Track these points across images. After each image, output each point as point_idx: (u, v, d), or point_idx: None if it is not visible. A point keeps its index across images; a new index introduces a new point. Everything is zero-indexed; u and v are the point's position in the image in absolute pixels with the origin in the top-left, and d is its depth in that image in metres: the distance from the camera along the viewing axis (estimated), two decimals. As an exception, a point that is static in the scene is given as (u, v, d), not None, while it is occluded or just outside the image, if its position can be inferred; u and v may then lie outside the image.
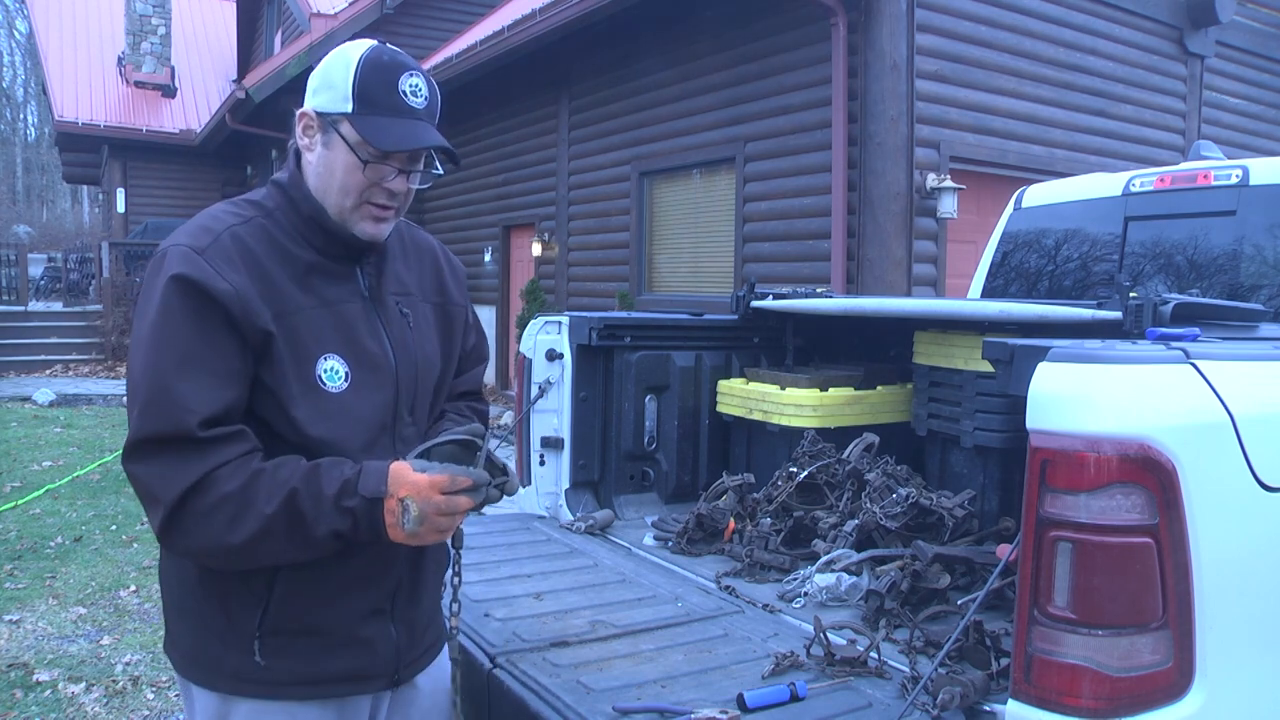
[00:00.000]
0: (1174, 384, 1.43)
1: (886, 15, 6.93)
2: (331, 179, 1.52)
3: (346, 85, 1.48)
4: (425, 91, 1.52)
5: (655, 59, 9.25)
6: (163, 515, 1.37)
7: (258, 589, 1.49)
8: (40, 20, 21.95)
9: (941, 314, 2.98)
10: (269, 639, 1.50)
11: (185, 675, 1.58)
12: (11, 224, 27.94)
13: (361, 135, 1.47)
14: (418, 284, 1.70)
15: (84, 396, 11.40)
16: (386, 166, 1.50)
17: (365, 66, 1.49)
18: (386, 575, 1.59)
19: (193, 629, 1.56)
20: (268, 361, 1.44)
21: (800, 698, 1.79)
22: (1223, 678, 1.41)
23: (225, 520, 1.37)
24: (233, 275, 1.43)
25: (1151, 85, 8.86)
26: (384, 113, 1.48)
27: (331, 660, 1.55)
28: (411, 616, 1.66)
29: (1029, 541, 1.41)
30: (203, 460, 1.37)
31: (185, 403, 1.37)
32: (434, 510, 1.39)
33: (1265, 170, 3.23)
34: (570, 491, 3.26)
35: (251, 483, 1.38)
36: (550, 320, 3.30)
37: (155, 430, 1.37)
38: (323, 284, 1.53)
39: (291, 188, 1.56)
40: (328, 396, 1.48)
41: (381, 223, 1.55)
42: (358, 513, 1.39)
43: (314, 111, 1.52)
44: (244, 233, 1.49)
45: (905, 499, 2.59)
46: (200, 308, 1.40)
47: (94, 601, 4.60)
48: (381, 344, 1.56)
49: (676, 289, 9.38)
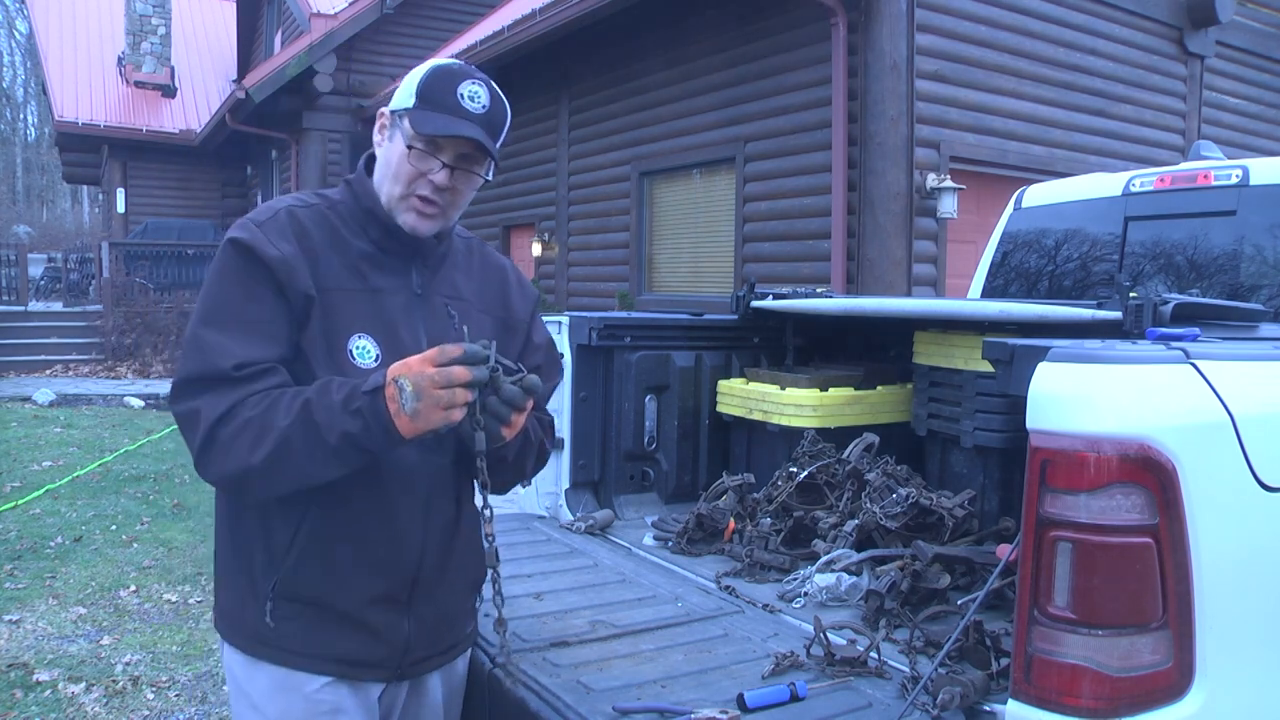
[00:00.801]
0: (1174, 384, 1.43)
1: (886, 15, 6.93)
2: (388, 168, 1.62)
3: (414, 85, 1.60)
4: (485, 100, 1.60)
5: (655, 59, 9.25)
6: (197, 447, 1.46)
7: (278, 553, 1.56)
8: (40, 20, 21.95)
9: (941, 314, 2.98)
10: (281, 603, 1.57)
11: (218, 629, 1.69)
12: (11, 224, 27.97)
13: (413, 125, 1.56)
14: (477, 295, 1.76)
15: (84, 396, 11.39)
16: (430, 157, 1.57)
17: (436, 70, 1.61)
18: (404, 561, 1.61)
19: (226, 586, 1.67)
20: (306, 328, 1.53)
21: (800, 698, 1.79)
22: (1223, 678, 1.41)
23: (249, 442, 1.43)
24: (283, 244, 1.54)
25: (1151, 85, 8.86)
26: (438, 109, 1.57)
27: (333, 638, 1.58)
28: (430, 613, 1.66)
29: (1029, 541, 1.41)
30: (234, 393, 1.45)
31: (223, 348, 1.46)
32: (429, 383, 1.39)
33: (1265, 170, 3.23)
34: (570, 491, 3.26)
35: (272, 405, 1.45)
36: (550, 320, 3.29)
37: (193, 372, 1.48)
38: (371, 272, 1.61)
39: (357, 182, 1.67)
40: (358, 372, 1.52)
41: (425, 218, 1.61)
42: (364, 410, 1.42)
43: (389, 111, 1.64)
44: (301, 214, 1.61)
45: (905, 499, 2.58)
46: (249, 268, 1.52)
47: (94, 601, 4.60)
48: (416, 337, 1.61)
49: (676, 289, 9.39)
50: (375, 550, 1.58)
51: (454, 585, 1.72)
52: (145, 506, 6.51)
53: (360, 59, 15.29)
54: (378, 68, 15.41)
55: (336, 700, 1.59)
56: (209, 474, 1.49)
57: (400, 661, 1.64)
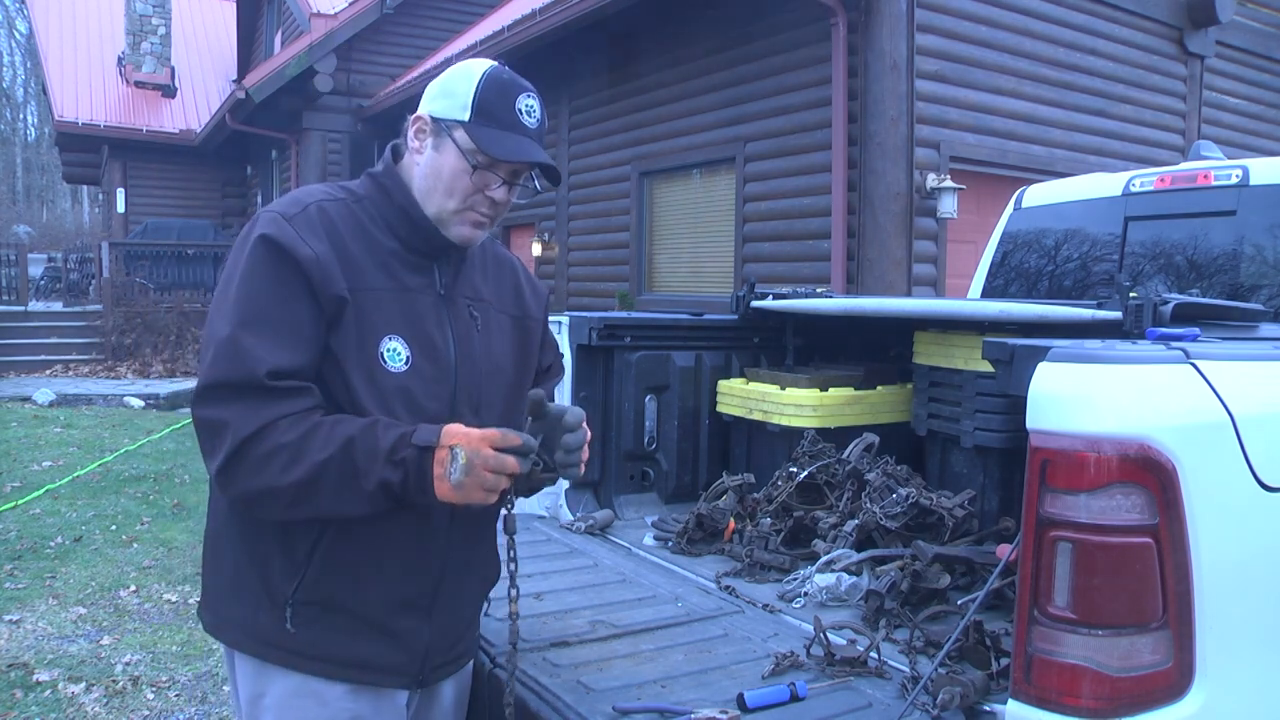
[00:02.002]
0: (1174, 384, 1.43)
1: (886, 15, 6.93)
2: (438, 180, 1.58)
3: (468, 96, 1.56)
4: (538, 114, 1.60)
5: (655, 59, 9.25)
6: (221, 459, 1.41)
7: (298, 558, 1.52)
8: (40, 20, 21.94)
9: (941, 314, 2.98)
10: (301, 608, 1.53)
11: (221, 638, 1.64)
12: (11, 224, 27.94)
13: (475, 143, 1.54)
14: (495, 295, 1.75)
15: (84, 396, 11.39)
16: (493, 175, 1.57)
17: (487, 81, 1.57)
18: (427, 567, 1.60)
19: (228, 587, 1.60)
20: (337, 329, 1.49)
21: (800, 698, 1.79)
22: (1223, 678, 1.41)
23: (280, 467, 1.40)
24: (315, 243, 1.49)
25: (1151, 85, 8.86)
26: (499, 125, 1.56)
27: (356, 644, 1.56)
28: (448, 621, 1.66)
29: (1029, 541, 1.41)
30: (267, 409, 1.41)
31: (256, 353, 1.42)
32: (482, 463, 1.41)
33: (1265, 170, 3.22)
34: (570, 491, 3.26)
35: (310, 433, 1.42)
36: (550, 320, 3.29)
37: (224, 377, 1.42)
38: (401, 271, 1.59)
39: (385, 177, 1.63)
40: (387, 375, 1.52)
41: (479, 228, 1.62)
42: (409, 463, 1.41)
43: (430, 116, 1.59)
44: (331, 209, 1.57)
45: (905, 499, 2.58)
46: (282, 269, 1.47)
47: (94, 601, 4.60)
48: (445, 337, 1.60)
49: (676, 289, 9.38)
50: (401, 555, 1.56)
51: (472, 592, 1.72)
52: (145, 506, 6.51)
53: (360, 59, 15.29)
54: (377, 68, 15.42)
55: (356, 710, 1.58)
56: (230, 490, 1.46)
57: (421, 668, 1.63)
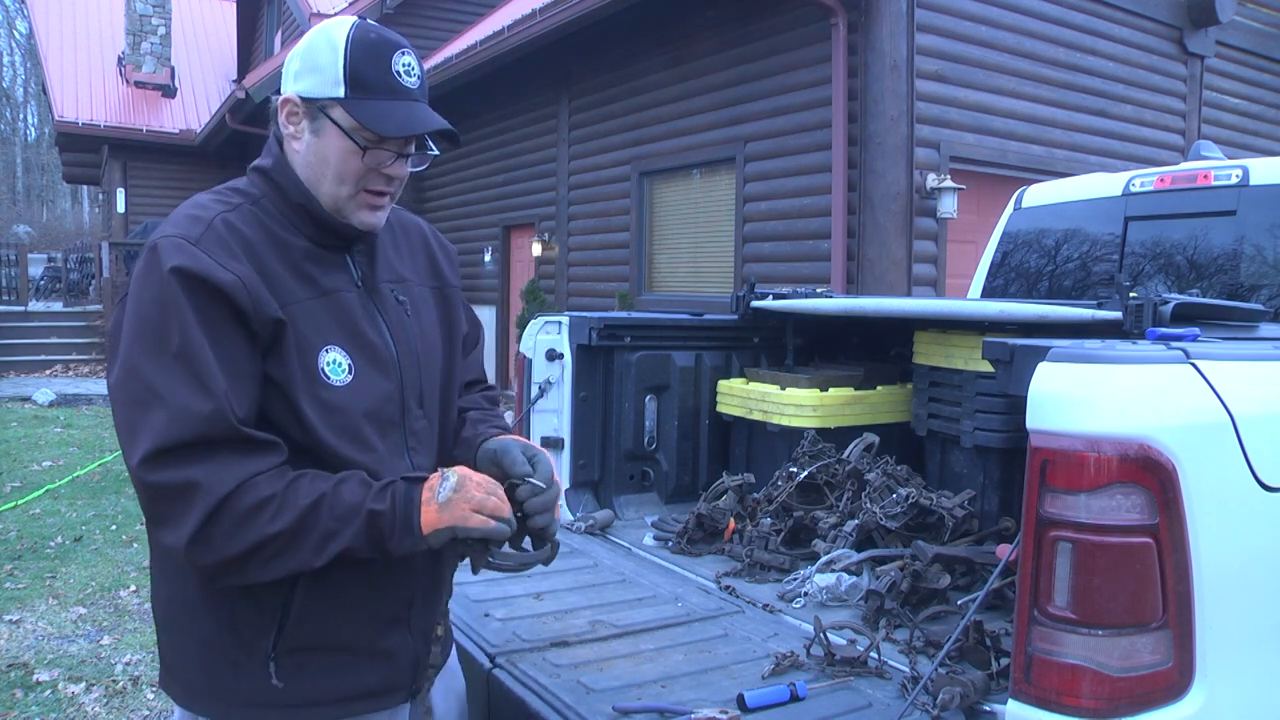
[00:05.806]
0: (1174, 384, 1.43)
1: (886, 15, 6.93)
2: (325, 167, 1.43)
3: (336, 67, 1.40)
4: (417, 70, 1.45)
5: (655, 59, 9.25)
6: (195, 525, 1.27)
7: (269, 607, 1.40)
8: (40, 20, 21.93)
9: (941, 314, 2.98)
10: (285, 658, 1.41)
11: (191, 708, 1.47)
12: (11, 224, 27.95)
13: (358, 120, 1.39)
14: (412, 270, 1.63)
15: (84, 396, 11.39)
16: (384, 151, 1.43)
17: (354, 46, 1.41)
18: (405, 580, 1.52)
19: (197, 657, 1.45)
20: (276, 354, 1.36)
21: (800, 698, 1.79)
22: (1223, 678, 1.41)
23: (269, 516, 1.30)
24: (234, 264, 1.34)
25: (1151, 85, 8.86)
26: (379, 95, 1.40)
27: (354, 675, 1.47)
28: (426, 626, 1.62)
29: (1029, 541, 1.41)
30: (240, 464, 1.30)
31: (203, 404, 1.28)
32: (474, 484, 1.38)
33: (1265, 170, 3.23)
34: (570, 491, 3.26)
35: (295, 482, 1.33)
36: (550, 320, 3.30)
37: (180, 435, 1.27)
38: (318, 272, 1.45)
39: (277, 173, 1.46)
40: (333, 390, 1.40)
41: (379, 210, 1.48)
42: (396, 493, 1.36)
43: (299, 97, 1.43)
44: (235, 219, 1.40)
45: (905, 499, 2.59)
46: (205, 303, 1.31)
47: (94, 601, 4.60)
48: (381, 334, 1.49)
49: (676, 289, 9.38)
50: (376, 576, 1.48)
51: (443, 597, 1.68)
52: (145, 506, 6.51)
53: (360, 59, 15.28)
54: (377, 68, 15.40)
55: None
56: (206, 558, 1.29)
57: (414, 677, 1.58)
